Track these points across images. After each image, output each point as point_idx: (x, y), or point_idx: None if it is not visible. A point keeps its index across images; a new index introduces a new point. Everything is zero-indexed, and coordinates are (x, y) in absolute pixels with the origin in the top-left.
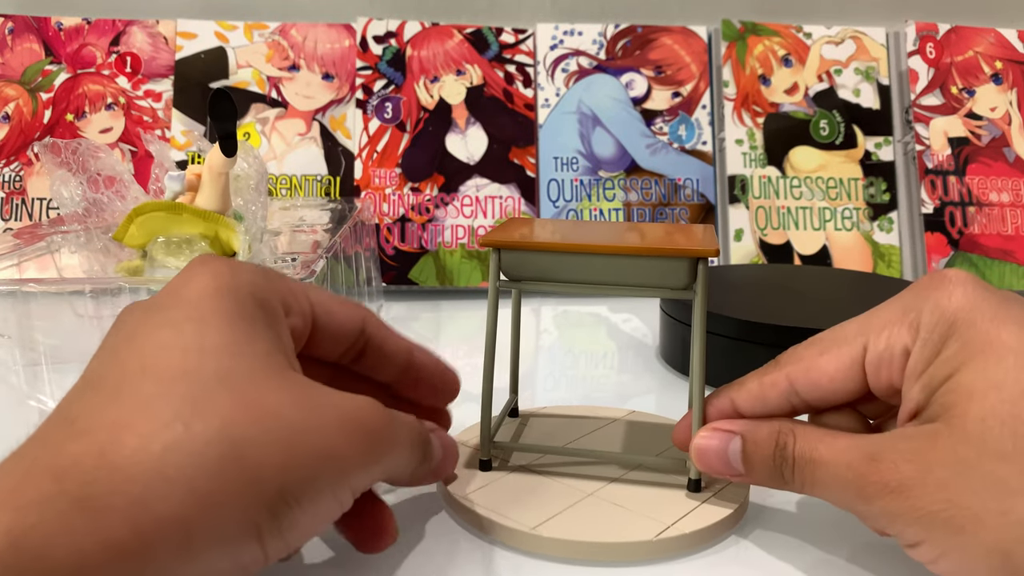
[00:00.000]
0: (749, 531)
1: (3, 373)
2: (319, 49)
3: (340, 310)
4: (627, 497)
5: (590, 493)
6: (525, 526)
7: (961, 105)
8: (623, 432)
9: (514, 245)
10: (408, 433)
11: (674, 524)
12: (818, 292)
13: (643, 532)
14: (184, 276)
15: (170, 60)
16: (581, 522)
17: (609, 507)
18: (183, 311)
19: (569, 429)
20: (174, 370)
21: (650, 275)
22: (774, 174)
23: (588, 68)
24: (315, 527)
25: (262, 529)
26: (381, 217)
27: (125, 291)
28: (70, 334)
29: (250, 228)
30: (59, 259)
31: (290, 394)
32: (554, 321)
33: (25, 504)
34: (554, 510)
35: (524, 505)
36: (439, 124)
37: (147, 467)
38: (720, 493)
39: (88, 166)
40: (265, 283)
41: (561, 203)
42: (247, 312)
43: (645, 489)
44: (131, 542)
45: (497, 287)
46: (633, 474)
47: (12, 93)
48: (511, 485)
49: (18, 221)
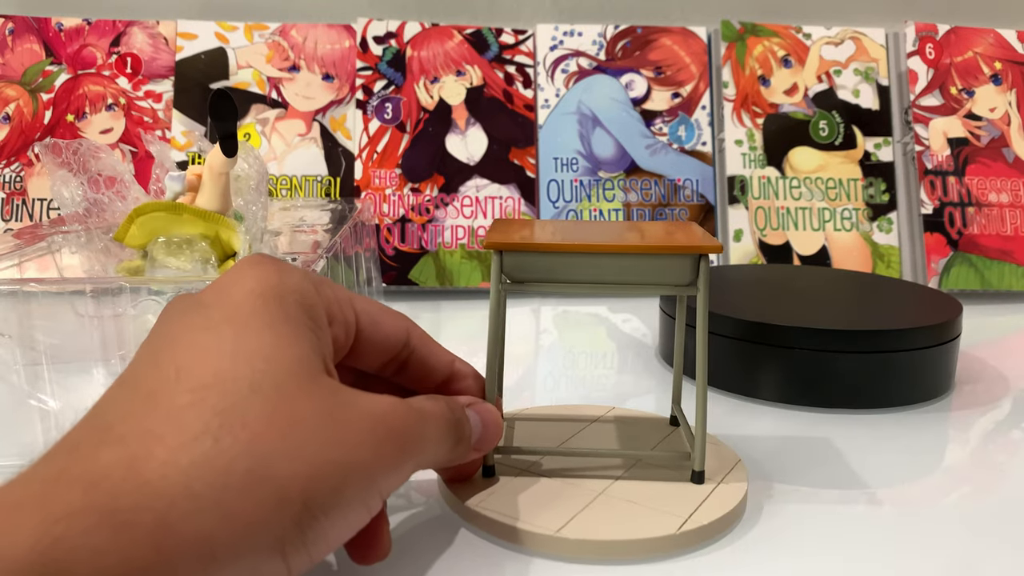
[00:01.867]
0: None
1: (3, 373)
2: (319, 50)
3: (386, 321)
4: (637, 493)
5: (601, 492)
6: (548, 529)
7: (960, 106)
8: (611, 430)
9: (517, 247)
10: (436, 426)
11: (692, 516)
12: (817, 292)
13: (665, 527)
14: (232, 275)
15: (170, 61)
16: (601, 521)
17: (624, 504)
18: (224, 312)
19: (557, 430)
20: (207, 376)
21: (654, 273)
22: (773, 175)
23: (588, 69)
24: (343, 536)
25: (286, 544)
26: (381, 217)
27: (126, 291)
28: (71, 334)
29: (250, 228)
30: (60, 259)
31: (320, 403)
32: (554, 321)
33: (54, 515)
34: (571, 511)
35: (540, 508)
36: (439, 125)
37: (174, 481)
38: (722, 483)
39: (89, 166)
40: (312, 289)
41: (561, 204)
42: (290, 317)
43: (651, 484)
44: (154, 561)
45: (500, 289)
46: (634, 470)
47: (12, 94)
48: (519, 489)
49: (19, 221)
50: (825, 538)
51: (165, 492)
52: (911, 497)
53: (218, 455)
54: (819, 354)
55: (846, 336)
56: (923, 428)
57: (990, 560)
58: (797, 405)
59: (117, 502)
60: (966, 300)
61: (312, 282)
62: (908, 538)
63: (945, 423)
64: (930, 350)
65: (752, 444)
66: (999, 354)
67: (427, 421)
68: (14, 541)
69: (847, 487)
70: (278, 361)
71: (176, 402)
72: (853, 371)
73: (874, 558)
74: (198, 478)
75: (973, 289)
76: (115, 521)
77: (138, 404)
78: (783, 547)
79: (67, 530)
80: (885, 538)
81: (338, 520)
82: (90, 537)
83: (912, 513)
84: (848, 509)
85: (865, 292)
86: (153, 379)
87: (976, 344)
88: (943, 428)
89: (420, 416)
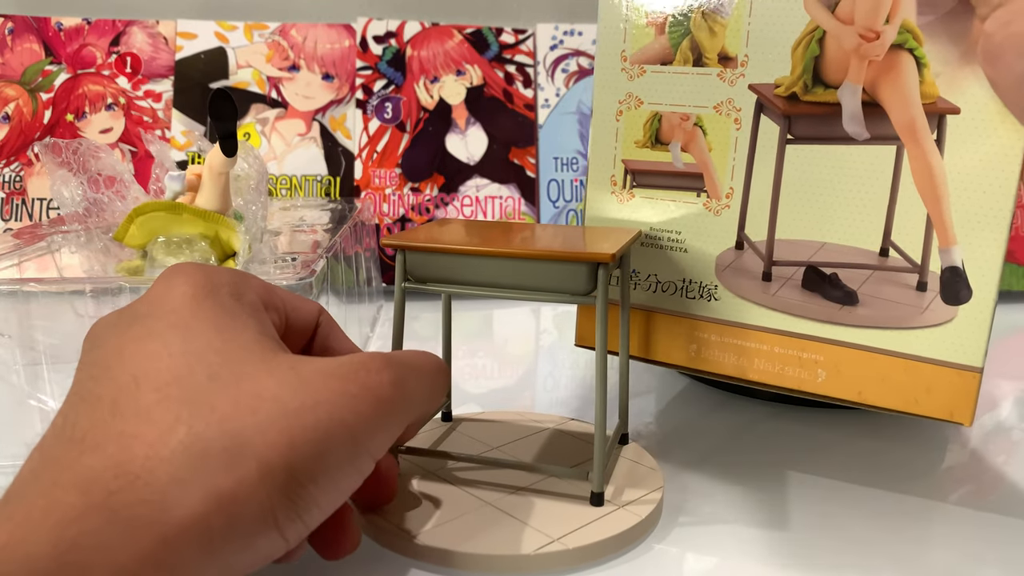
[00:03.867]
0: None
1: (3, 373)
2: (319, 49)
3: (301, 306)
4: (525, 508)
5: (489, 503)
6: (406, 532)
7: None
8: (550, 441)
9: (416, 248)
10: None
11: (560, 538)
12: None
13: (525, 545)
14: (162, 286)
15: (170, 60)
16: (466, 531)
17: (501, 517)
18: (165, 320)
19: (497, 435)
20: (166, 377)
21: (550, 279)
22: None
23: (588, 68)
24: (335, 500)
25: (278, 516)
26: (381, 217)
27: (125, 291)
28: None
29: (250, 228)
30: (59, 259)
31: (283, 375)
32: (554, 321)
33: (64, 520)
34: (445, 518)
35: (419, 511)
36: (439, 124)
37: (160, 472)
38: (626, 507)
39: (88, 166)
40: (240, 280)
41: (561, 203)
42: (227, 309)
43: (548, 501)
44: (161, 552)
45: (403, 288)
46: (543, 484)
47: (12, 93)
48: (416, 491)
49: (18, 221)
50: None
51: (154, 483)
52: (911, 498)
53: (194, 441)
54: None
55: None
56: (923, 428)
57: (990, 560)
58: (793, 404)
59: (114, 499)
60: None
61: (239, 275)
62: (908, 539)
63: (945, 423)
64: None
65: (734, 452)
66: (999, 354)
67: (410, 370)
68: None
69: (848, 489)
70: (229, 351)
71: (142, 403)
72: None
73: (882, 566)
74: (181, 465)
75: None
76: (118, 519)
77: (104, 413)
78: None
79: (79, 533)
80: (881, 541)
81: (327, 485)
82: (100, 536)
83: (913, 513)
84: (850, 514)
85: None
86: (111, 390)
87: None
88: (943, 428)
89: (398, 365)
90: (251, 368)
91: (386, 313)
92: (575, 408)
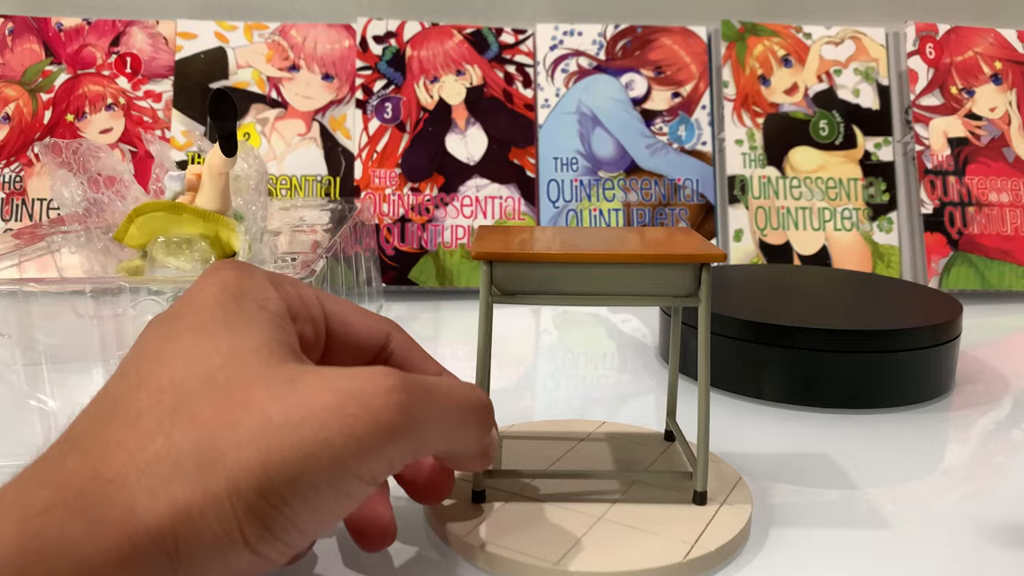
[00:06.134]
0: (761, 543)
1: (3, 373)
2: (319, 49)
3: (359, 322)
4: (638, 517)
5: (599, 517)
6: (547, 561)
7: (961, 105)
8: (603, 447)
9: (509, 256)
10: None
11: (697, 542)
12: (817, 292)
13: (670, 554)
14: (196, 285)
15: (170, 60)
16: (603, 550)
17: (624, 530)
18: (186, 321)
19: (547, 449)
20: (163, 381)
21: (652, 283)
22: (774, 174)
23: (588, 68)
24: (319, 524)
25: (247, 534)
26: (381, 217)
27: (125, 291)
28: (70, 334)
29: (250, 228)
30: (59, 259)
31: (276, 386)
32: (554, 322)
33: (32, 512)
34: (570, 540)
35: (535, 537)
36: (439, 124)
37: (133, 480)
38: (725, 504)
39: (88, 166)
40: (270, 287)
41: (561, 203)
42: (247, 313)
43: (650, 507)
44: (127, 551)
45: (490, 302)
46: (632, 491)
47: (12, 94)
48: (511, 516)
49: (18, 221)
50: (833, 563)
51: (125, 490)
52: (911, 498)
53: (169, 451)
54: (819, 354)
55: (846, 336)
56: (923, 428)
57: (991, 560)
58: (796, 405)
59: (85, 499)
60: (966, 300)
61: (272, 281)
62: (909, 538)
63: (945, 423)
64: (930, 350)
65: (751, 450)
66: (999, 354)
67: (431, 397)
68: None
69: (848, 491)
70: (234, 355)
71: (135, 408)
72: (853, 371)
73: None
74: (154, 475)
75: (973, 289)
76: (87, 516)
77: (103, 415)
78: (791, 574)
79: (44, 524)
80: (887, 542)
81: (303, 508)
82: (66, 529)
83: (912, 513)
84: (851, 520)
85: (865, 292)
86: (117, 391)
87: (976, 344)
88: (943, 428)
89: (420, 390)
90: (247, 375)
91: (386, 313)
92: (576, 408)
